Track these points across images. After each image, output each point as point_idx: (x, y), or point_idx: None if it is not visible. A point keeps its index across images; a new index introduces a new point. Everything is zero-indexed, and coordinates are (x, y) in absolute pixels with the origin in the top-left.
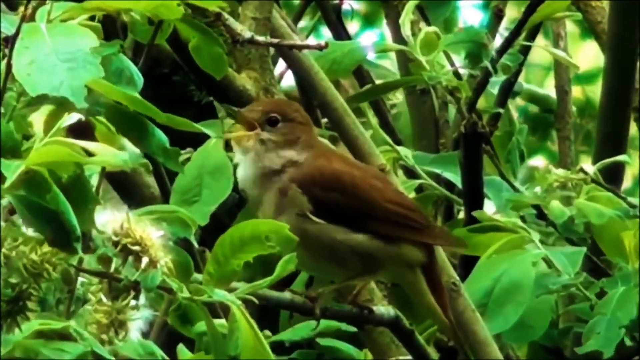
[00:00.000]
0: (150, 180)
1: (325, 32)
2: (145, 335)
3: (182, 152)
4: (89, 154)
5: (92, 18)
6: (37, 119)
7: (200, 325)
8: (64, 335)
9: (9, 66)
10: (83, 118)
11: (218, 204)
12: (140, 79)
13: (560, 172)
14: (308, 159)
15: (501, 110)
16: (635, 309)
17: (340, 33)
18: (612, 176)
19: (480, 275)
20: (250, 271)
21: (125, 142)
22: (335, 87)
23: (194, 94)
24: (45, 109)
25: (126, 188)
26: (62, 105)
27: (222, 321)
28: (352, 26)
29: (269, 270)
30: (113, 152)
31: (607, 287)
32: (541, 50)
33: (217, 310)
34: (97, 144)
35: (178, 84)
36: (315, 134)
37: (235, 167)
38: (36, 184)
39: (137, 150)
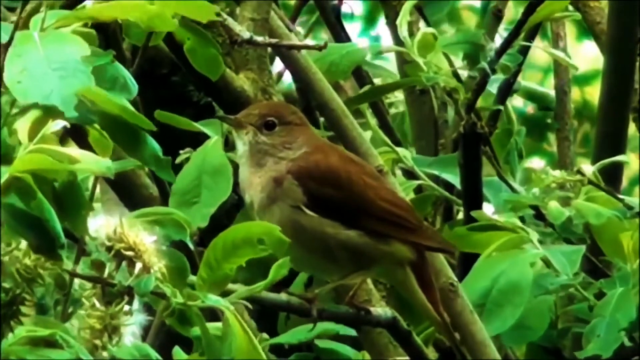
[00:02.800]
0: (149, 181)
1: (323, 35)
2: (142, 335)
3: (181, 152)
4: (74, 160)
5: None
6: (22, 126)
7: (198, 328)
8: (51, 342)
9: (1, 73)
10: (68, 125)
11: (217, 205)
12: (134, 86)
13: (557, 173)
14: (303, 154)
15: (501, 107)
16: (634, 310)
17: (340, 34)
18: (611, 176)
19: (478, 276)
20: (249, 273)
21: None
22: (335, 88)
23: (193, 94)
24: (31, 115)
25: (124, 189)
26: (51, 111)
27: (219, 324)
28: (352, 27)
29: (268, 272)
30: (96, 160)
31: (605, 287)
32: (541, 52)
33: (217, 312)
34: (81, 150)
35: (177, 84)
36: (313, 132)
37: (235, 168)
38: (21, 191)
39: None
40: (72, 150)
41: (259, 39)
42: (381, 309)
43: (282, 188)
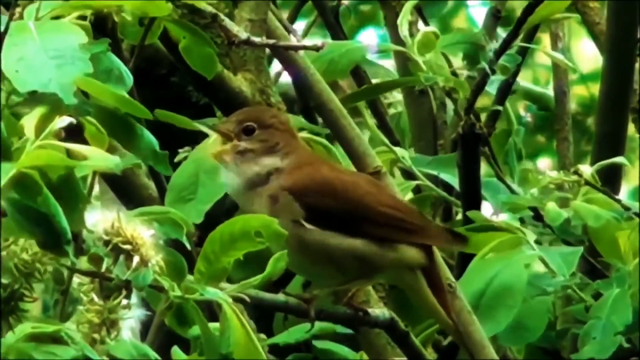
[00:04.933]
0: (148, 181)
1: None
2: (143, 335)
3: (180, 150)
4: (81, 156)
5: (83, 18)
6: (29, 122)
7: (196, 328)
8: (56, 339)
9: None
10: (74, 121)
11: (213, 203)
12: (130, 78)
13: (554, 174)
14: (291, 164)
15: (500, 108)
16: (629, 312)
17: (339, 35)
18: (610, 177)
19: (473, 277)
20: (249, 272)
21: None
22: (333, 88)
23: (191, 94)
24: (37, 112)
25: (124, 189)
26: (54, 107)
27: (217, 324)
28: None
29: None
30: (104, 156)
31: (602, 288)
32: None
33: (216, 312)
34: (88, 147)
35: (176, 84)
36: (298, 137)
37: None
38: (27, 186)
39: None
40: (79, 146)
41: (257, 39)
42: (379, 310)
43: (278, 205)
